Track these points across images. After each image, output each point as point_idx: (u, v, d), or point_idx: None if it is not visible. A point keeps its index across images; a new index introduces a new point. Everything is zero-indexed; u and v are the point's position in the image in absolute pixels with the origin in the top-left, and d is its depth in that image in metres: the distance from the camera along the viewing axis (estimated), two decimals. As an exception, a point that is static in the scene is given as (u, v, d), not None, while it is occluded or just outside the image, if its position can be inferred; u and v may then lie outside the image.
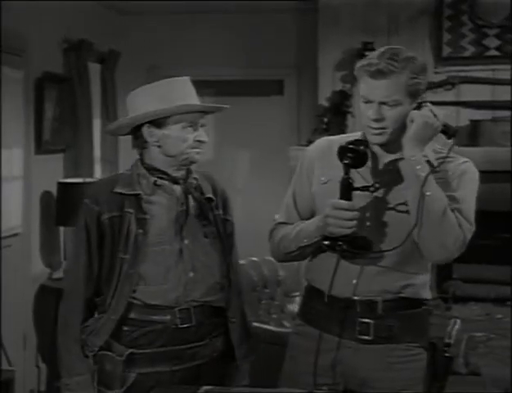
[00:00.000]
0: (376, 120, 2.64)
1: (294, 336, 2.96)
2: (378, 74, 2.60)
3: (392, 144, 2.70)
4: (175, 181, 2.93)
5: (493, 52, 5.91)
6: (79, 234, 2.92)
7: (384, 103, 2.62)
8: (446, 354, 2.98)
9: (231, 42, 6.81)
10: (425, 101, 2.66)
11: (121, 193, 2.89)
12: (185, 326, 2.90)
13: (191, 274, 2.90)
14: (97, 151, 6.30)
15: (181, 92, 2.90)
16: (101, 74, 6.50)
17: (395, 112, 2.63)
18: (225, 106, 3.01)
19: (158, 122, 2.86)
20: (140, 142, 2.94)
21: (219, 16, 6.79)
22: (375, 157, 2.75)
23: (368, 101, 2.66)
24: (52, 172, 5.70)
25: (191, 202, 2.96)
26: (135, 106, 2.92)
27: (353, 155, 2.64)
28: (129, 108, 2.96)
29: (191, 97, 2.92)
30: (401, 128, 2.65)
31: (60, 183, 5.52)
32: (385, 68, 2.59)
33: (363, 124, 2.72)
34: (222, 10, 6.68)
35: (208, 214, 3.00)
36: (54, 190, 5.55)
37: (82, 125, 5.91)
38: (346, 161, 2.64)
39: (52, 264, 5.70)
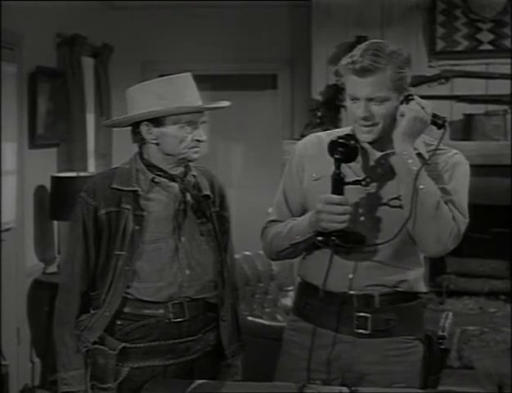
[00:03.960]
0: (365, 118, 2.64)
1: (288, 332, 2.96)
2: (362, 71, 2.59)
3: (383, 140, 2.70)
4: (173, 179, 2.92)
5: (487, 46, 5.92)
6: (76, 229, 2.91)
7: (371, 100, 2.62)
8: (442, 347, 2.99)
9: (225, 36, 6.80)
10: (411, 94, 2.67)
11: (118, 189, 2.88)
12: (178, 320, 2.90)
13: (188, 272, 2.90)
14: (91, 145, 6.30)
15: (181, 91, 2.86)
16: (95, 69, 6.50)
17: (383, 108, 2.62)
18: (224, 104, 2.99)
19: (156, 120, 2.84)
20: (138, 138, 2.92)
21: (213, 11, 6.78)
22: (365, 153, 2.76)
23: (355, 99, 2.65)
24: (46, 166, 5.69)
25: (189, 200, 2.95)
26: (133, 104, 2.90)
27: (344, 149, 2.64)
28: (128, 104, 2.94)
29: (191, 96, 2.88)
30: (391, 123, 2.66)
31: (53, 177, 5.52)
32: (370, 65, 2.58)
33: (353, 122, 2.72)
34: (217, 5, 6.68)
35: (206, 212, 2.99)
36: (48, 184, 5.55)
37: (75, 119, 5.90)
38: (337, 156, 2.63)
39: (46, 258, 5.70)
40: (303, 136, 5.14)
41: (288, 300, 5.31)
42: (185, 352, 2.93)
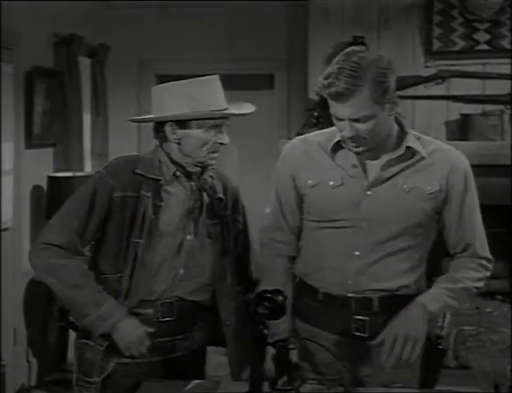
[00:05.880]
0: (352, 138, 2.62)
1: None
2: (340, 96, 2.53)
3: (376, 149, 2.69)
4: (190, 176, 2.94)
5: (483, 47, 5.92)
6: (80, 201, 2.89)
7: (355, 120, 2.57)
8: (440, 347, 2.99)
9: (221, 36, 6.80)
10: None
11: (143, 175, 2.89)
12: (166, 319, 2.91)
13: (181, 272, 2.91)
14: (87, 145, 6.29)
15: (209, 94, 2.87)
16: (92, 69, 6.49)
17: (369, 124, 2.58)
18: (250, 110, 3.02)
19: (182, 122, 2.86)
20: (161, 136, 2.94)
21: (210, 11, 6.78)
22: (362, 159, 2.74)
23: (339, 119, 2.61)
24: (42, 166, 5.69)
25: (205, 199, 2.97)
26: (160, 104, 2.90)
27: (270, 305, 2.47)
28: (153, 103, 2.95)
29: (219, 99, 2.90)
30: (381, 133, 2.64)
31: (50, 177, 5.52)
32: (346, 89, 2.51)
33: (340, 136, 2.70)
34: (213, 4, 6.68)
35: (218, 214, 3.01)
36: (44, 184, 5.54)
37: (72, 119, 5.90)
38: (261, 311, 2.46)
39: (43, 258, 5.68)
40: (299, 135, 5.14)
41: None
42: (171, 350, 2.95)
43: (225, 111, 2.89)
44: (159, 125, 2.92)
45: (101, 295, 2.85)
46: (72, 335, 3.12)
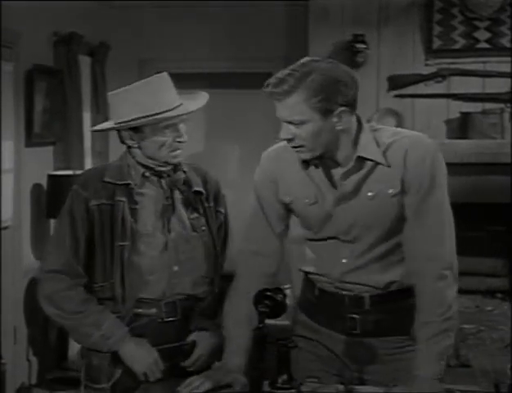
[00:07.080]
0: (287, 141, 2.61)
1: (293, 326, 2.95)
2: (275, 94, 2.54)
3: (327, 159, 2.66)
4: (160, 175, 2.96)
5: (484, 45, 5.92)
6: (64, 220, 2.92)
7: (290, 122, 2.57)
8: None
9: (221, 35, 6.80)
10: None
11: (110, 182, 2.91)
12: (170, 319, 2.92)
13: (175, 268, 2.92)
14: (87, 143, 6.29)
15: (156, 96, 2.85)
16: (92, 67, 6.49)
17: (303, 130, 2.55)
18: (198, 105, 2.97)
19: (136, 127, 2.87)
20: (123, 142, 2.97)
21: (210, 10, 6.78)
22: (325, 167, 2.69)
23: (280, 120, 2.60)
24: (43, 164, 5.69)
25: (178, 196, 2.98)
26: (114, 111, 2.94)
27: (271, 303, 2.47)
28: (110, 109, 2.99)
29: (168, 99, 2.88)
30: (324, 144, 2.59)
31: (50, 176, 5.52)
32: (282, 90, 2.52)
33: None
34: (213, 4, 6.68)
35: (198, 208, 3.01)
36: (44, 182, 5.54)
37: (72, 118, 5.90)
38: (262, 309, 2.47)
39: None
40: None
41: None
42: (179, 354, 2.94)
43: (169, 113, 2.85)
44: (119, 131, 2.94)
45: (101, 315, 2.87)
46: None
